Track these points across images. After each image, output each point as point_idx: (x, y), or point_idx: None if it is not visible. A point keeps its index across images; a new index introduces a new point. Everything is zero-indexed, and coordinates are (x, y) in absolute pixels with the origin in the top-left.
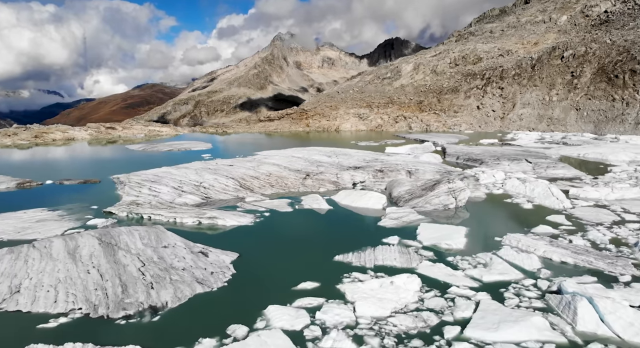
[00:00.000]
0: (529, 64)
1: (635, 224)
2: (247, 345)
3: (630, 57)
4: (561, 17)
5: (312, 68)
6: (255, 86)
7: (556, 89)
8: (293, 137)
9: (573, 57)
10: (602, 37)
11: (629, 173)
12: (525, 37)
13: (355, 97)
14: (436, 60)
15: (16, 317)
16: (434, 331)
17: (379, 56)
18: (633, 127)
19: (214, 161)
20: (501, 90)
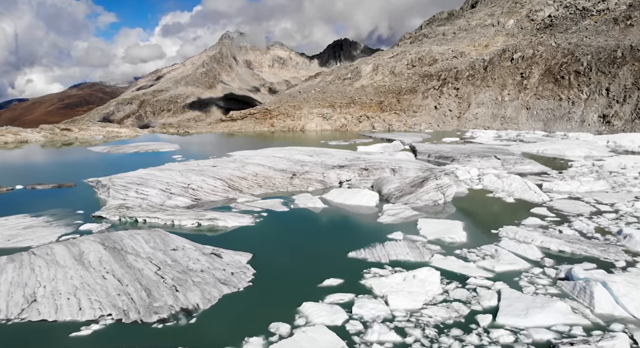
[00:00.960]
0: (481, 65)
1: (611, 214)
2: (296, 341)
3: (575, 59)
4: (508, 21)
5: (263, 67)
6: (204, 85)
7: (507, 90)
8: (259, 137)
9: (522, 59)
10: (548, 40)
11: (589, 167)
12: (476, 40)
13: (317, 97)
14: (394, 62)
15: (43, 327)
16: (469, 320)
17: (329, 57)
18: (579, 124)
19: (195, 162)
20: (457, 90)
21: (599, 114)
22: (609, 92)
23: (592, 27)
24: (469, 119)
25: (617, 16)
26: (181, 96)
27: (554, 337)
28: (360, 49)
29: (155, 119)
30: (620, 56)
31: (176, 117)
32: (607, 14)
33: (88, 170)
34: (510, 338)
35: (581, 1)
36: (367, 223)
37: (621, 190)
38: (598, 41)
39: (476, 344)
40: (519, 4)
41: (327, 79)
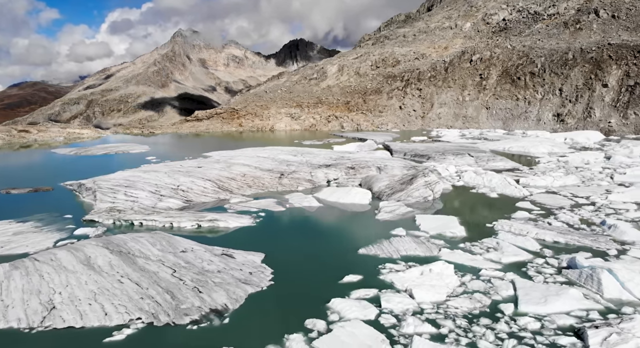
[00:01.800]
0: (442, 66)
1: (589, 207)
2: (337, 336)
3: (530, 61)
4: (465, 23)
5: (218, 66)
6: (156, 84)
7: (468, 90)
8: (229, 137)
9: (480, 61)
10: (504, 42)
11: (555, 163)
12: (436, 42)
13: (284, 96)
14: (359, 63)
15: (71, 334)
16: (493, 309)
17: (285, 56)
18: (535, 123)
19: (178, 163)
20: (420, 91)
21: (553, 113)
22: (562, 92)
23: (544, 30)
24: (432, 119)
25: (567, 20)
26: (132, 96)
27: (575, 321)
28: (317, 50)
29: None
30: (572, 58)
31: (127, 117)
32: (558, 18)
33: (61, 173)
34: (536, 325)
35: (533, 5)
36: (367, 221)
37: (591, 184)
38: (550, 44)
39: (507, 331)
40: (474, 7)
41: (293, 79)
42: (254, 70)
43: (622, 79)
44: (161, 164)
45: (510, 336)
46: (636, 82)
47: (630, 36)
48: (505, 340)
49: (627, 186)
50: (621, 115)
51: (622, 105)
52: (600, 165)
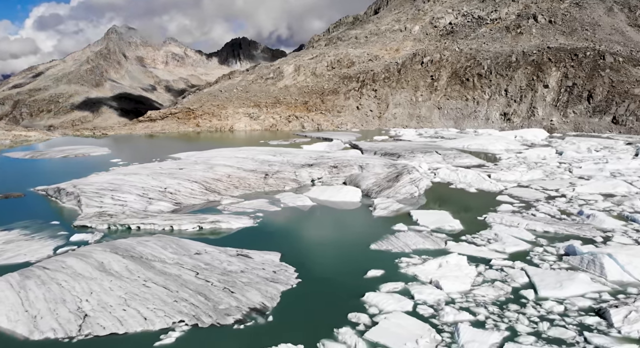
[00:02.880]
0: (395, 68)
1: (562, 198)
2: (385, 328)
3: (477, 63)
4: (414, 26)
5: (157, 64)
6: (90, 83)
7: (420, 91)
8: (188, 138)
9: (431, 63)
10: (452, 45)
11: (515, 159)
12: (387, 44)
13: (240, 96)
14: (314, 63)
15: (116, 341)
16: (517, 295)
17: (228, 55)
18: (484, 122)
19: (157, 165)
20: (375, 92)
21: (500, 112)
22: (508, 93)
23: (488, 34)
24: (388, 119)
25: (508, 25)
26: (63, 95)
27: (592, 303)
28: (261, 49)
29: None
30: (515, 61)
31: (58, 118)
32: (500, 22)
33: (26, 179)
34: (560, 308)
35: (476, 10)
36: (365, 217)
37: (555, 178)
38: (495, 47)
39: (537, 315)
40: (421, 11)
41: (249, 78)
42: (195, 68)
43: (561, 80)
44: (136, 166)
45: (542, 319)
46: (574, 83)
47: (566, 40)
48: (539, 323)
49: (587, 179)
50: (561, 113)
51: (562, 104)
52: (556, 160)
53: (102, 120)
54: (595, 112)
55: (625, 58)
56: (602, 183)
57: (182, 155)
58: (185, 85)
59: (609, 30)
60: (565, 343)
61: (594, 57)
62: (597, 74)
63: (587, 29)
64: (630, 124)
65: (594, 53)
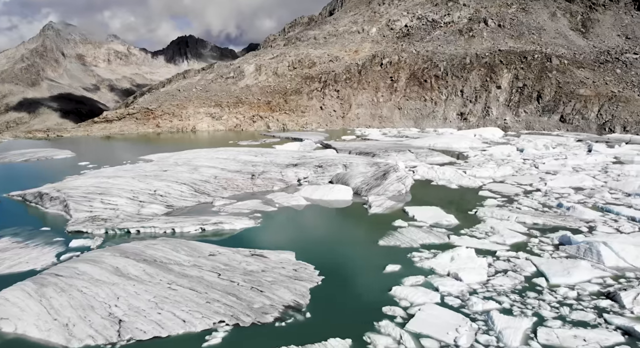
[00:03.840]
0: (356, 69)
1: (538, 193)
2: (423, 319)
3: (433, 65)
4: (371, 28)
5: (99, 63)
6: (25, 82)
7: (381, 92)
8: (153, 139)
9: (390, 64)
10: (409, 47)
11: (482, 156)
12: (346, 45)
13: (200, 96)
14: (276, 63)
15: (161, 344)
16: (531, 284)
17: (174, 53)
18: (442, 121)
19: (139, 168)
20: (337, 92)
21: (457, 112)
22: (463, 94)
23: (442, 37)
24: (352, 119)
25: (461, 28)
26: None
27: (599, 287)
28: (210, 48)
29: None
30: (469, 63)
31: None
32: (453, 25)
33: None
34: (574, 293)
35: (430, 14)
36: (363, 215)
37: (525, 173)
38: (450, 49)
39: (556, 301)
40: (377, 13)
41: (208, 77)
42: (140, 67)
43: (513, 82)
44: (115, 169)
45: (561, 304)
46: (524, 84)
47: (515, 43)
48: (560, 308)
49: (553, 174)
50: (514, 113)
51: (513, 104)
52: (519, 157)
53: (39, 122)
54: (545, 111)
55: (570, 60)
56: (569, 178)
57: (153, 157)
58: (130, 84)
59: (553, 34)
60: (589, 325)
61: (541, 60)
62: (545, 76)
63: (534, 33)
64: (576, 122)
65: (541, 56)
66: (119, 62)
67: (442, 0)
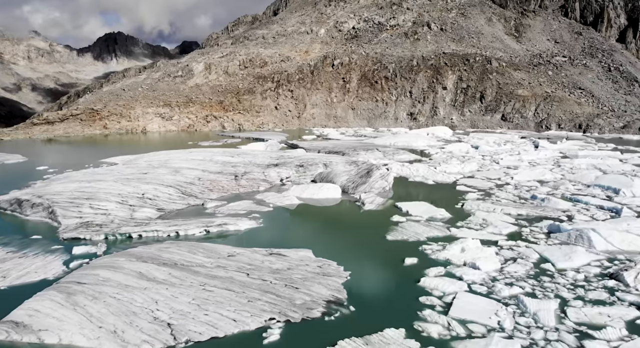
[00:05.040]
0: (308, 69)
1: (509, 186)
2: (461, 306)
3: (383, 67)
4: (320, 29)
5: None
6: None
7: (334, 92)
8: (103, 141)
9: (341, 65)
10: (358, 49)
11: (443, 154)
12: (296, 46)
13: (147, 95)
14: (226, 62)
15: (223, 344)
16: (541, 269)
17: (102, 51)
18: (394, 121)
19: (117, 171)
20: (291, 92)
21: (407, 112)
22: (412, 94)
23: (390, 39)
24: (307, 119)
25: (406, 31)
26: None
27: (600, 269)
28: (142, 45)
29: None
30: (416, 65)
31: None
32: (399, 28)
33: None
34: (581, 276)
35: (376, 17)
36: (358, 211)
37: (490, 169)
38: (397, 51)
39: (568, 283)
40: (324, 15)
41: (155, 76)
42: (64, 65)
43: (457, 83)
44: (89, 171)
45: (574, 286)
46: (468, 85)
47: (457, 46)
48: (576, 289)
49: (514, 169)
50: (459, 113)
51: (459, 104)
52: (477, 154)
53: None
54: (487, 110)
55: (508, 63)
56: (531, 172)
57: (117, 160)
58: (55, 83)
59: (490, 38)
60: (606, 303)
61: (482, 62)
62: (487, 77)
63: (473, 37)
64: (516, 120)
65: (482, 58)
66: (40, 59)
67: (386, 4)
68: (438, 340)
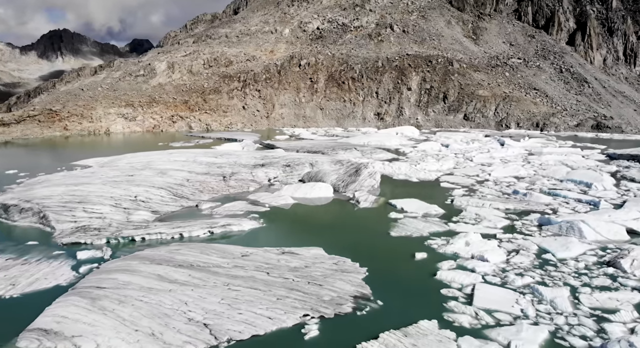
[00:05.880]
0: (275, 69)
1: (489, 182)
2: (483, 297)
3: (349, 67)
4: (284, 29)
5: None
6: None
7: (302, 92)
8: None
9: (308, 66)
10: (324, 49)
11: (417, 152)
12: (261, 45)
13: (108, 95)
14: (190, 61)
15: (265, 341)
16: (543, 260)
17: (47, 48)
18: (362, 121)
19: (99, 174)
20: (259, 92)
21: (374, 113)
22: (378, 95)
23: (354, 40)
24: (276, 119)
25: (370, 33)
26: None
27: (597, 258)
28: (90, 43)
29: None
30: (382, 66)
31: None
32: (362, 30)
33: None
34: (581, 264)
35: (340, 18)
36: (354, 209)
37: (466, 166)
38: (362, 53)
39: (572, 272)
40: (288, 14)
41: (115, 76)
42: (5, 63)
43: (421, 84)
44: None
45: (579, 274)
46: (431, 86)
47: (419, 48)
48: (582, 277)
49: (488, 166)
50: (424, 113)
51: (423, 104)
52: (450, 152)
53: None
54: (450, 110)
55: (468, 65)
56: (505, 169)
57: (90, 162)
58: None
59: (450, 40)
60: (612, 288)
61: (444, 64)
62: (449, 78)
63: (434, 39)
64: (478, 120)
65: (444, 60)
66: None
67: (349, 5)
68: (471, 330)
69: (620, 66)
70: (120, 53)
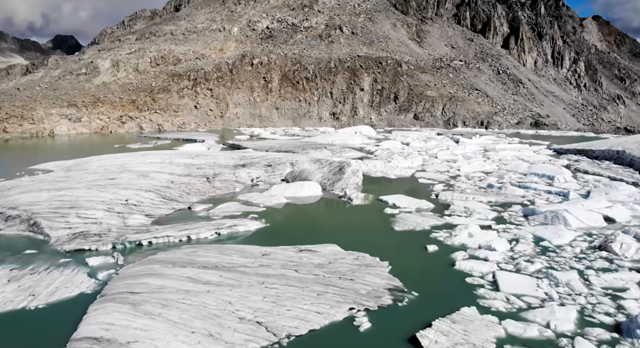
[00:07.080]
0: (226, 68)
1: (461, 177)
2: (505, 283)
3: (303, 67)
4: (233, 28)
5: None
6: None
7: (257, 92)
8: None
9: (261, 65)
10: (276, 49)
11: (382, 151)
12: (209, 43)
13: (47, 95)
14: (135, 59)
15: (323, 335)
16: (542, 247)
17: None
18: (318, 121)
19: (78, 177)
20: (210, 91)
21: (329, 112)
22: (333, 95)
23: (305, 41)
24: (231, 118)
25: (320, 33)
26: None
27: (588, 243)
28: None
29: None
30: (334, 67)
31: None
32: (313, 30)
33: None
34: (577, 249)
35: (289, 17)
36: (349, 206)
37: (433, 163)
38: (314, 53)
39: (572, 256)
40: (235, 13)
41: (54, 74)
42: None
43: (373, 84)
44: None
45: (579, 259)
46: (382, 86)
47: (369, 50)
48: (582, 261)
49: (454, 162)
50: (377, 112)
51: (376, 104)
52: (413, 150)
53: None
54: (401, 110)
55: (415, 66)
56: (471, 165)
57: (51, 166)
58: None
59: (397, 42)
60: (612, 270)
61: (394, 65)
62: (399, 79)
63: (382, 41)
64: (427, 119)
65: (393, 62)
66: None
67: (298, 5)
68: (508, 313)
69: (549, 68)
70: (42, 50)
